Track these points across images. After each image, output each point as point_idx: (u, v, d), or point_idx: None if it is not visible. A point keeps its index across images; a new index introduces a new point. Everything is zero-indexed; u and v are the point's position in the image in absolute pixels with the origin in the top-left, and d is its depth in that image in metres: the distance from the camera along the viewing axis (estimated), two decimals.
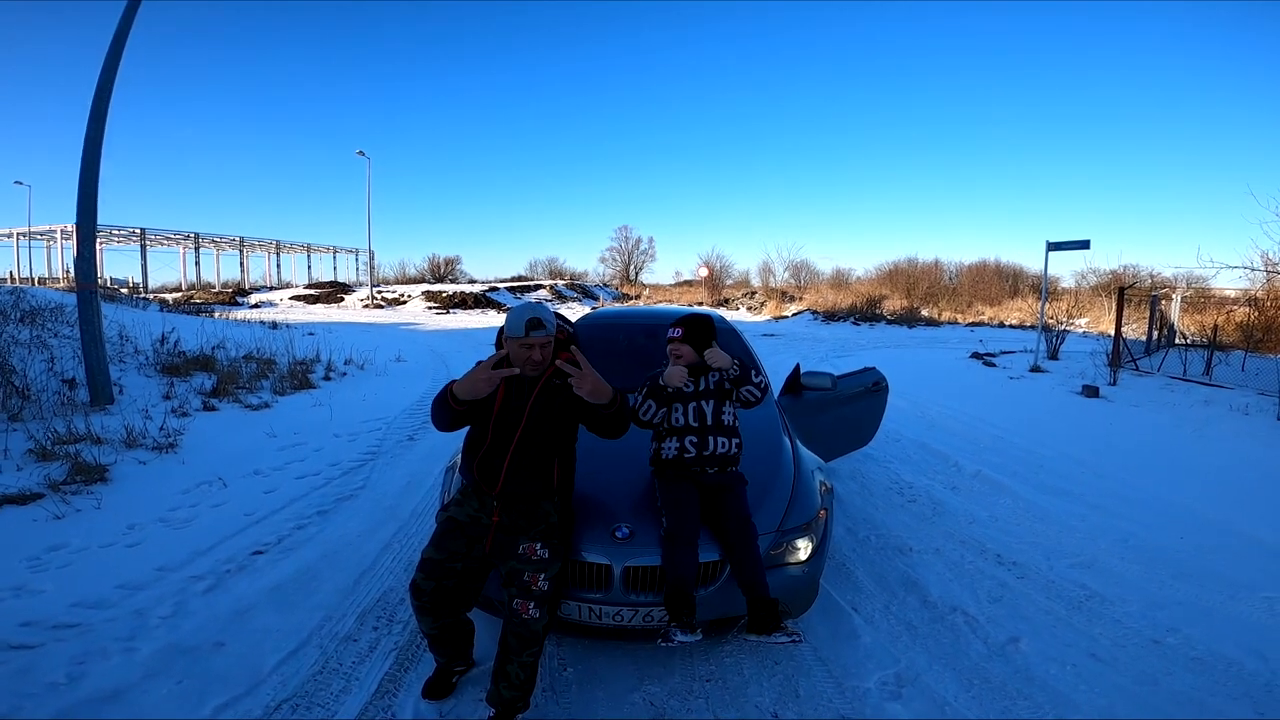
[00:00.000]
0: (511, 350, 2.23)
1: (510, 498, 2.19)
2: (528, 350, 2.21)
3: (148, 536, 3.47)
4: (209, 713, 2.15)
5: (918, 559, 3.44)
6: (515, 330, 2.20)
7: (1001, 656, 2.57)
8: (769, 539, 2.42)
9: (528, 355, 2.21)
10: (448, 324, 20.35)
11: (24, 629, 2.56)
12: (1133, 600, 3.03)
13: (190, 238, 34.27)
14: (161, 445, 4.87)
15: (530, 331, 2.19)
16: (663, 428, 2.57)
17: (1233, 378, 9.14)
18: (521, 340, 2.20)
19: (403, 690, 2.31)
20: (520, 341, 2.20)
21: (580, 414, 2.29)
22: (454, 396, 2.13)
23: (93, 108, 6.08)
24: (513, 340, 2.21)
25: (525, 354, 2.21)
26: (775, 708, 2.26)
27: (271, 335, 11.21)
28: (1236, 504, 4.35)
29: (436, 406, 2.21)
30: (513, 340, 2.21)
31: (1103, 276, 25.68)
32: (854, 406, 4.29)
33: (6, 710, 2.09)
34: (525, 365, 2.22)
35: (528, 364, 2.22)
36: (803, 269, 38.47)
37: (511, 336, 2.21)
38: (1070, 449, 5.84)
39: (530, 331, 2.19)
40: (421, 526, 3.78)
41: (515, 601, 2.07)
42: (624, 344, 4.04)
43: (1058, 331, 12.70)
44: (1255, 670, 2.47)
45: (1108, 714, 2.22)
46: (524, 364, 2.22)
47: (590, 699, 2.30)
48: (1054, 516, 4.12)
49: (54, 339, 7.40)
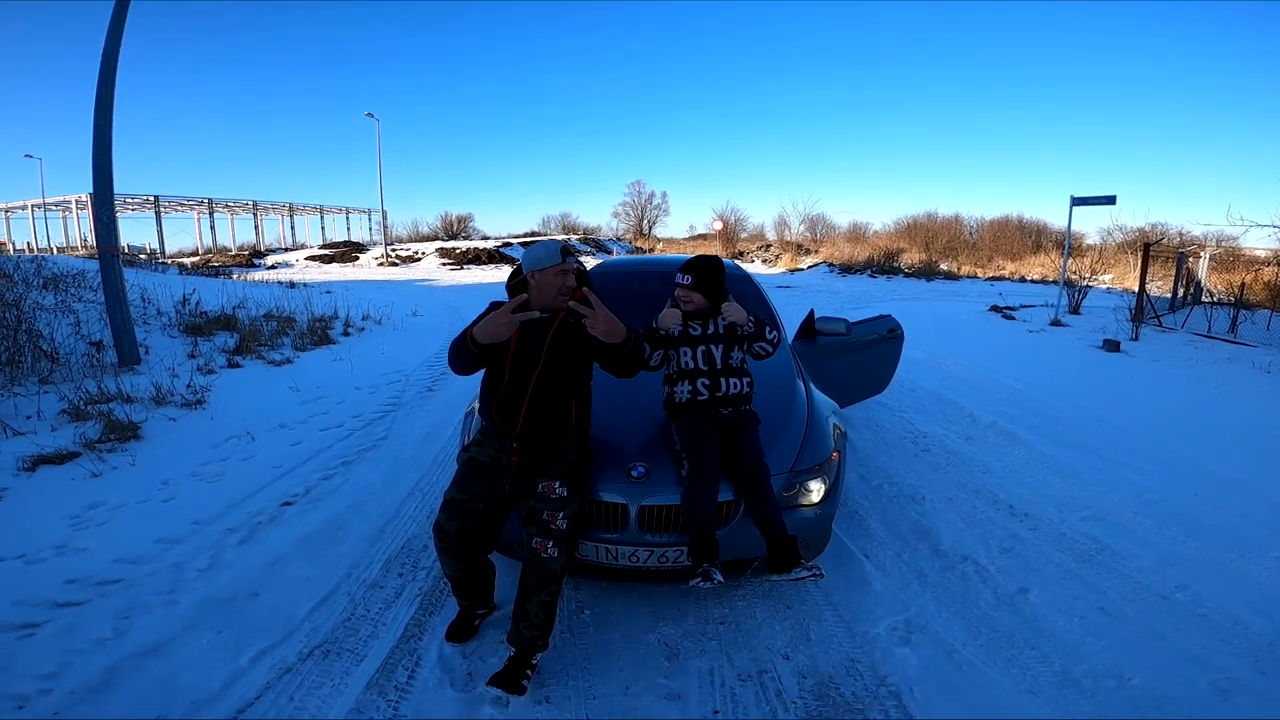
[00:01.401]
0: (544, 281, 2.24)
1: (529, 438, 2.24)
2: (563, 276, 2.24)
3: (181, 491, 3.60)
4: (247, 661, 2.25)
5: (930, 508, 3.49)
6: (551, 259, 2.23)
7: (1010, 607, 2.62)
8: (782, 479, 2.45)
9: (562, 282, 2.24)
10: (462, 279, 20.41)
11: (69, 586, 2.66)
12: (1143, 555, 3.04)
13: (204, 203, 34.40)
14: (190, 402, 5.01)
15: (566, 257, 2.24)
16: (673, 371, 2.60)
17: (1258, 336, 8.97)
18: (559, 267, 2.23)
19: (427, 634, 2.42)
20: (557, 269, 2.23)
21: (595, 353, 2.32)
22: (473, 340, 2.17)
23: (100, 74, 6.04)
24: (547, 271, 2.23)
25: (560, 281, 2.24)
26: (786, 649, 2.34)
27: (290, 294, 11.33)
28: (1254, 462, 4.32)
29: (455, 350, 2.25)
30: (547, 271, 2.23)
31: (1129, 234, 24.97)
32: (869, 353, 4.29)
33: (58, 666, 2.18)
34: (561, 296, 2.25)
35: (562, 292, 2.25)
36: (819, 222, 37.86)
37: (546, 267, 2.23)
38: (1087, 403, 5.81)
39: (566, 257, 2.24)
40: (443, 475, 3.89)
41: (534, 540, 2.15)
42: (637, 290, 4.06)
43: (1080, 287, 12.47)
44: (1261, 629, 2.47)
45: (1112, 668, 2.24)
46: (558, 292, 2.24)
47: (607, 640, 2.40)
48: (1068, 469, 4.13)
49: (78, 303, 7.54)
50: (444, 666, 2.23)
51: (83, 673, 2.16)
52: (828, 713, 2.04)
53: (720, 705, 2.08)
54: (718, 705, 2.08)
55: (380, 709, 2.03)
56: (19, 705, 2.01)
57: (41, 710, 2.00)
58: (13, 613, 2.46)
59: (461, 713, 2.03)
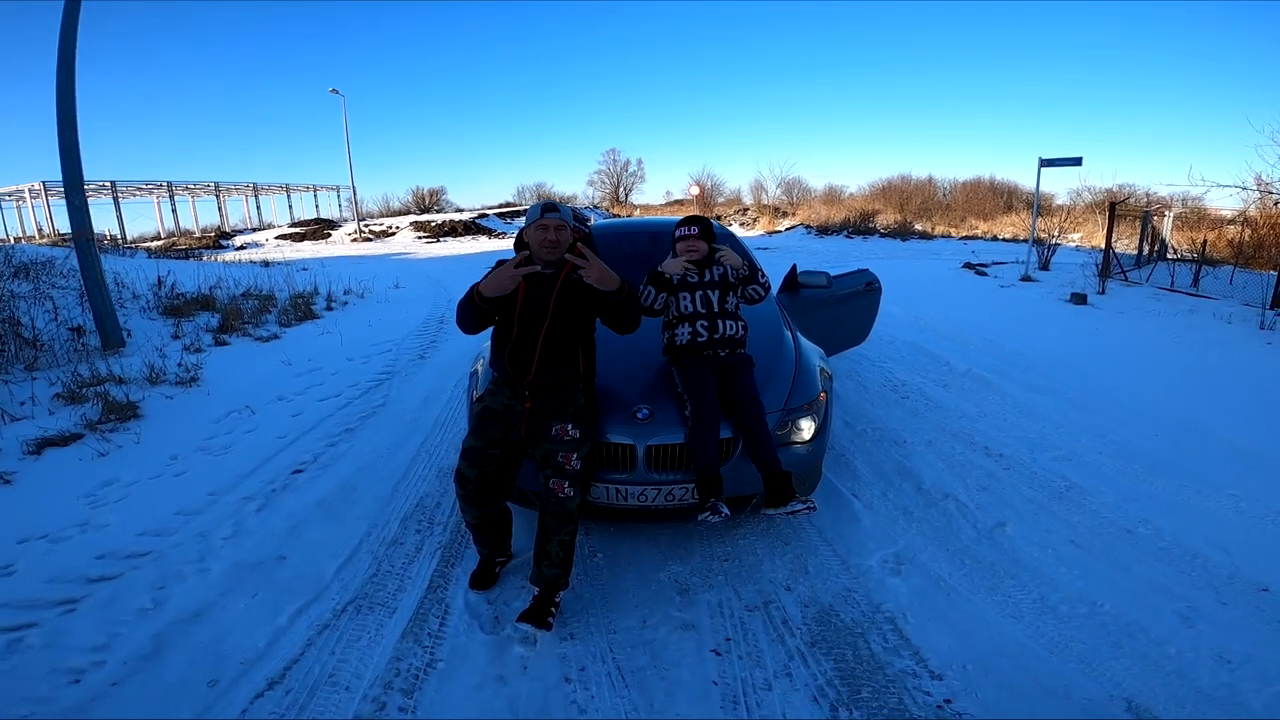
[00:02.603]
0: (532, 239, 2.41)
1: (541, 385, 2.39)
2: (543, 232, 2.38)
3: (192, 465, 3.68)
4: (286, 620, 2.36)
5: (911, 450, 3.71)
6: (532, 216, 2.42)
7: (989, 539, 2.83)
8: (775, 418, 2.63)
9: (544, 236, 2.39)
10: (440, 251, 20.20)
11: (100, 561, 2.73)
12: (1108, 492, 3.26)
13: (164, 186, 33.18)
14: (184, 380, 5.04)
15: (545, 214, 2.39)
16: (672, 316, 2.80)
17: (1220, 290, 9.38)
18: (539, 222, 2.39)
19: (452, 584, 2.57)
20: (538, 224, 2.39)
21: (596, 306, 2.46)
22: (480, 295, 2.31)
23: (59, 56, 5.84)
24: (531, 228, 2.41)
25: (542, 235, 2.39)
26: (787, 582, 2.54)
27: (265, 273, 11.18)
28: (1211, 405, 4.60)
29: (463, 308, 2.39)
30: (531, 228, 2.41)
31: (1098, 194, 25.40)
32: (849, 305, 4.53)
33: (107, 638, 2.26)
34: (543, 249, 2.39)
35: (545, 246, 2.39)
36: (795, 186, 37.81)
37: (530, 223, 2.41)
38: (1056, 351, 6.10)
39: (545, 214, 2.39)
40: (445, 436, 4.02)
41: (551, 482, 2.30)
42: (628, 249, 4.20)
43: (1049, 244, 12.81)
44: (1219, 562, 2.65)
45: (1085, 595, 2.43)
46: (542, 246, 2.39)
47: (620, 579, 2.58)
48: (1039, 413, 4.39)
49: (52, 290, 7.41)
50: (471, 612, 2.39)
51: (131, 642, 2.24)
52: (831, 637, 2.24)
53: (732, 633, 2.27)
54: (729, 634, 2.27)
55: (418, 655, 2.18)
56: (75, 679, 2.08)
57: (99, 681, 2.07)
58: (49, 590, 2.53)
59: (493, 653, 2.19)
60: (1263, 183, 10.49)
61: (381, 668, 2.12)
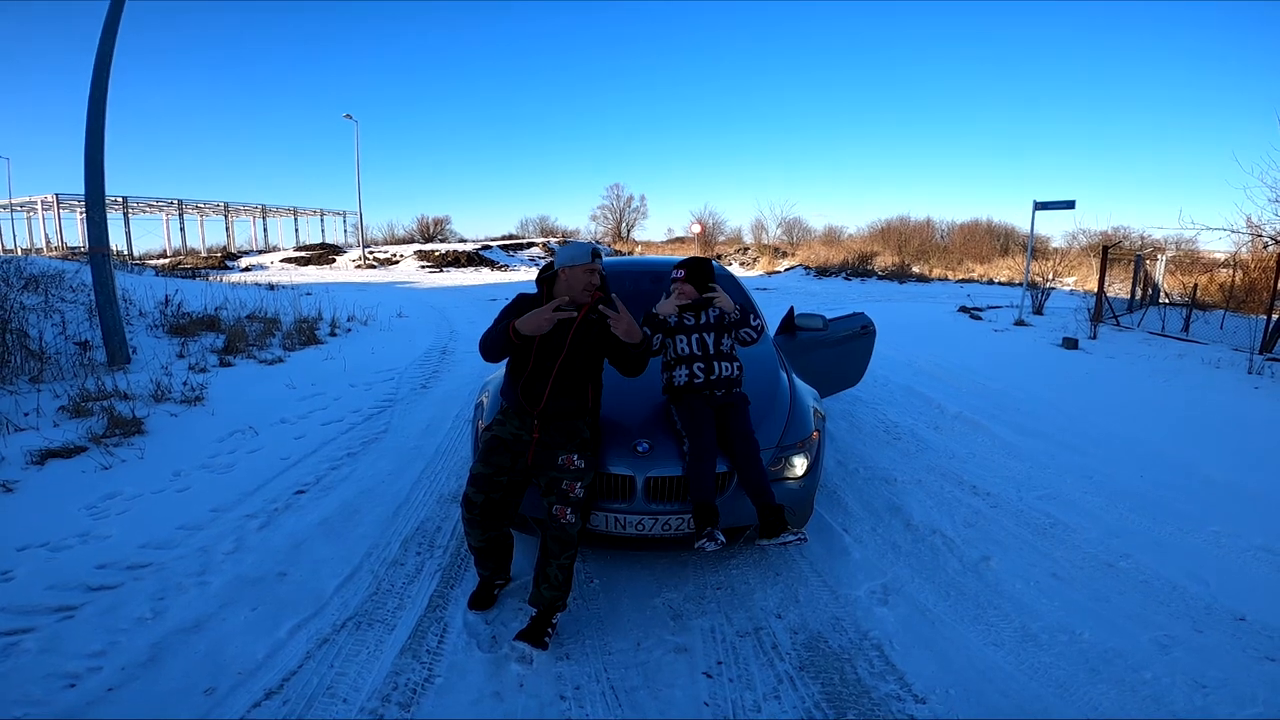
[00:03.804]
0: (573, 277, 2.54)
1: (549, 416, 2.49)
2: (589, 275, 2.54)
3: (195, 482, 3.74)
4: (285, 634, 2.40)
5: (902, 489, 3.80)
6: (582, 258, 2.54)
7: (974, 572, 2.91)
8: (769, 454, 2.74)
9: (588, 280, 2.54)
10: (443, 282, 20.46)
11: (101, 571, 2.78)
12: (1092, 529, 3.36)
13: (174, 204, 33.66)
14: (189, 399, 5.11)
15: (595, 259, 2.55)
16: (670, 357, 2.89)
17: (1210, 334, 9.52)
18: (586, 266, 2.53)
19: (451, 604, 2.62)
20: (585, 267, 2.53)
21: (610, 349, 2.59)
22: (515, 333, 2.43)
23: (94, 74, 6.09)
24: (577, 268, 2.53)
25: (586, 279, 2.54)
26: (778, 609, 2.61)
27: (271, 296, 11.32)
28: (1197, 447, 4.71)
29: (491, 341, 2.52)
30: (577, 268, 2.53)
31: (1093, 237, 25.91)
32: (844, 348, 4.64)
33: (104, 645, 2.31)
34: (585, 291, 2.55)
35: (588, 288, 2.55)
36: (795, 226, 38.56)
37: (576, 264, 2.54)
38: (1046, 394, 6.22)
39: (595, 259, 2.55)
40: (446, 464, 4.09)
41: (554, 508, 2.39)
42: (632, 287, 4.32)
43: (1044, 288, 13.05)
44: (1197, 593, 2.75)
45: (1065, 625, 2.52)
46: (585, 289, 2.55)
47: (616, 604, 2.64)
48: (1027, 454, 4.48)
49: (61, 303, 7.53)
50: (470, 632, 2.44)
51: (129, 650, 2.28)
52: (819, 662, 2.30)
53: (723, 657, 2.33)
54: (720, 657, 2.33)
55: (416, 671, 2.23)
56: (70, 684, 2.12)
57: (94, 686, 2.11)
58: (48, 596, 2.58)
59: (491, 670, 2.24)
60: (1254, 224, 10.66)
61: (379, 682, 2.16)
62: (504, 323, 2.49)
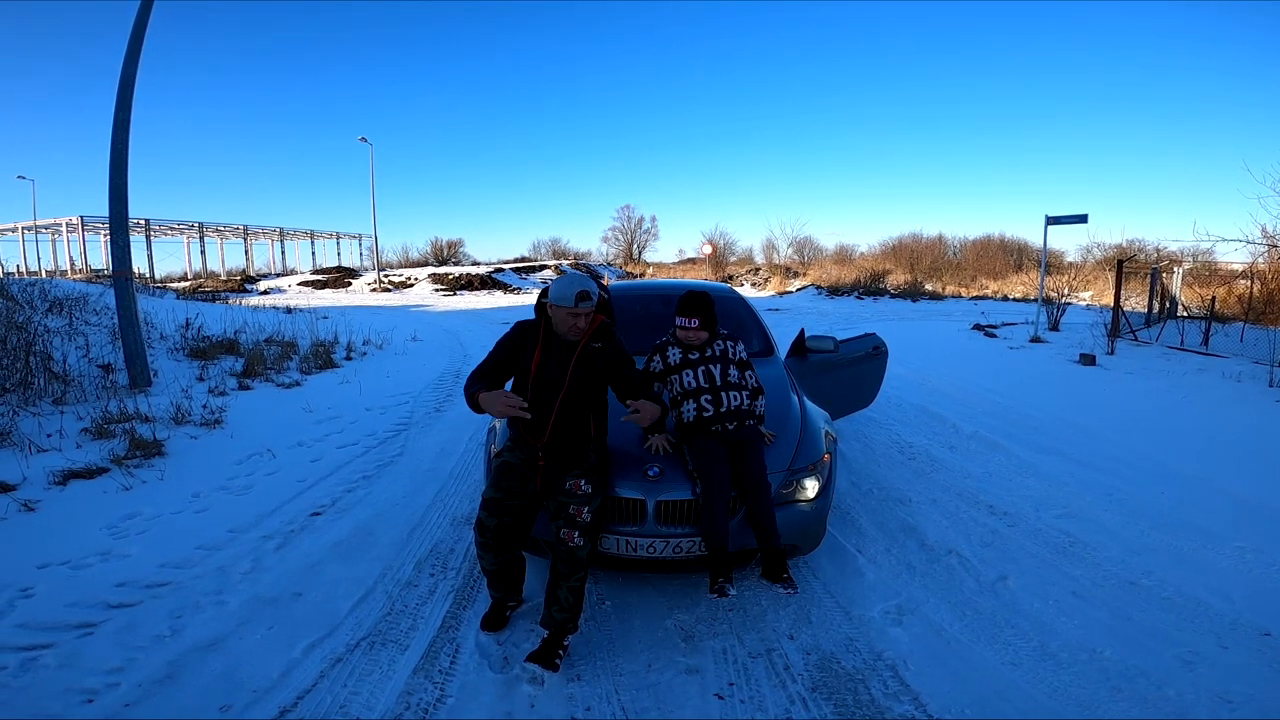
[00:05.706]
0: (558, 317, 2.51)
1: (554, 447, 2.51)
2: (573, 319, 2.50)
3: (213, 503, 3.80)
4: (300, 653, 2.43)
5: (916, 508, 3.76)
6: (565, 300, 2.45)
7: (991, 592, 2.87)
8: (780, 477, 2.74)
9: (573, 323, 2.51)
10: (456, 304, 20.68)
11: (120, 589, 2.84)
12: (1113, 547, 3.30)
13: (194, 227, 34.46)
14: (208, 421, 5.20)
15: (579, 303, 2.46)
16: (677, 394, 2.85)
17: (1230, 348, 9.34)
18: (570, 310, 2.47)
19: (463, 625, 2.63)
20: (569, 310, 2.47)
21: (612, 379, 2.63)
22: (476, 405, 2.46)
23: (118, 96, 6.30)
24: (560, 309, 2.49)
25: (571, 321, 2.50)
26: (790, 630, 2.59)
27: (288, 319, 11.53)
28: (1218, 462, 4.63)
29: (468, 400, 2.51)
30: (560, 309, 2.49)
31: (1107, 251, 25.65)
32: (855, 369, 4.61)
33: (122, 661, 2.35)
34: (571, 333, 2.53)
35: (573, 331, 2.53)
36: (806, 245, 38.54)
37: (559, 305, 2.48)
38: (1064, 412, 6.14)
39: (579, 303, 2.46)
40: (461, 487, 4.12)
41: (562, 531, 2.40)
42: (641, 311, 4.35)
43: (1059, 304, 12.94)
44: (1221, 610, 2.70)
45: (1086, 643, 2.48)
46: (570, 331, 2.53)
47: (628, 626, 2.63)
48: (1044, 472, 4.42)
49: (85, 326, 7.71)
50: (482, 652, 2.45)
51: (147, 667, 2.33)
52: (832, 683, 2.28)
53: (735, 678, 2.31)
54: (732, 678, 2.31)
55: (428, 690, 2.24)
56: (88, 699, 2.16)
57: (112, 702, 2.15)
58: (68, 613, 2.64)
59: (502, 690, 2.24)
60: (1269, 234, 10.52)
61: (392, 701, 2.17)
62: (474, 387, 2.50)
